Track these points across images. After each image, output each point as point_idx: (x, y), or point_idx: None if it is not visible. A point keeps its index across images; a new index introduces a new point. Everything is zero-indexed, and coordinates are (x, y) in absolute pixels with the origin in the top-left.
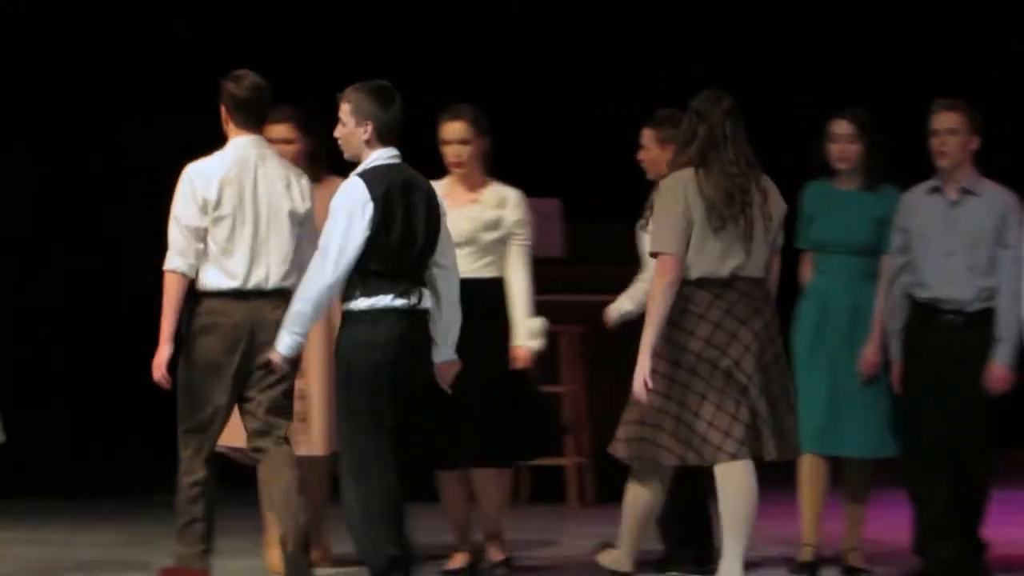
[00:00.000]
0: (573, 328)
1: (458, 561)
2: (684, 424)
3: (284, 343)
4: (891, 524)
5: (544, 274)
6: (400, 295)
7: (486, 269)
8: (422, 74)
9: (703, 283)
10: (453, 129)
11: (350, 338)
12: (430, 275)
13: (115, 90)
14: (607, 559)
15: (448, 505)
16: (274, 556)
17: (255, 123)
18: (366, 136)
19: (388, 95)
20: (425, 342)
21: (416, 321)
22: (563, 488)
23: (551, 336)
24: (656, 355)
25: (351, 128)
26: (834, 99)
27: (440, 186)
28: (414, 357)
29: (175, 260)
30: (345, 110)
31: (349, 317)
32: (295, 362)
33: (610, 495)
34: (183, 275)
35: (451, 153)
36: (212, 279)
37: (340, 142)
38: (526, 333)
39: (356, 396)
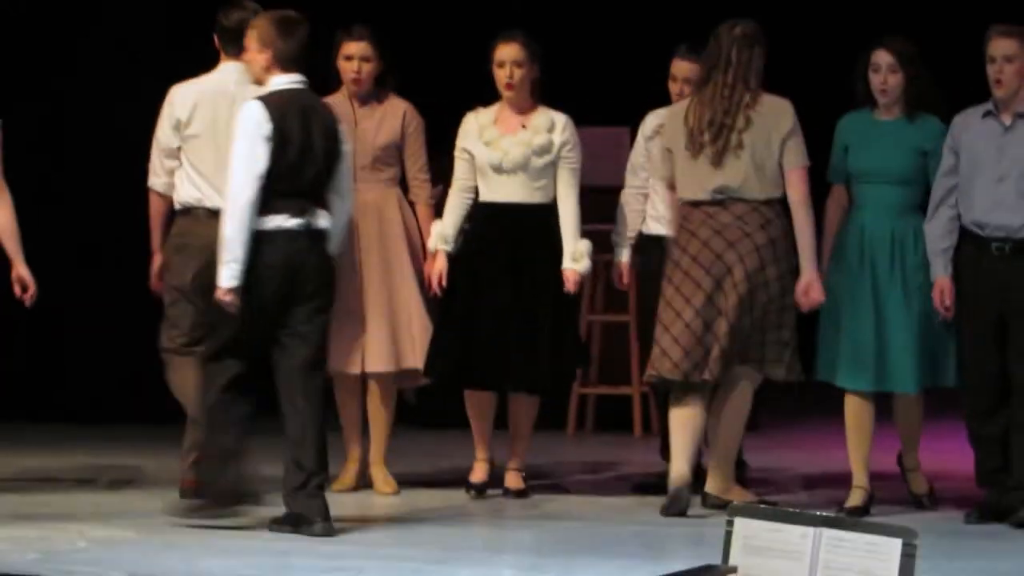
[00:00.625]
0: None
1: (479, 473)
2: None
3: (223, 275)
4: (952, 456)
5: (616, 202)
6: (295, 214)
7: (538, 194)
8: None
9: (697, 204)
10: (507, 50)
11: (248, 256)
12: (327, 199)
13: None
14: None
15: (472, 420)
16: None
17: (238, 51)
18: (265, 63)
19: (289, 24)
20: (321, 260)
21: (312, 240)
22: (630, 417)
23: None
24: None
25: (253, 55)
26: (875, 28)
27: (489, 112)
28: (307, 274)
29: (151, 178)
30: (251, 36)
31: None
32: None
33: None
34: (159, 193)
35: (504, 75)
36: (183, 197)
37: (247, 67)
38: (572, 256)
39: (248, 308)
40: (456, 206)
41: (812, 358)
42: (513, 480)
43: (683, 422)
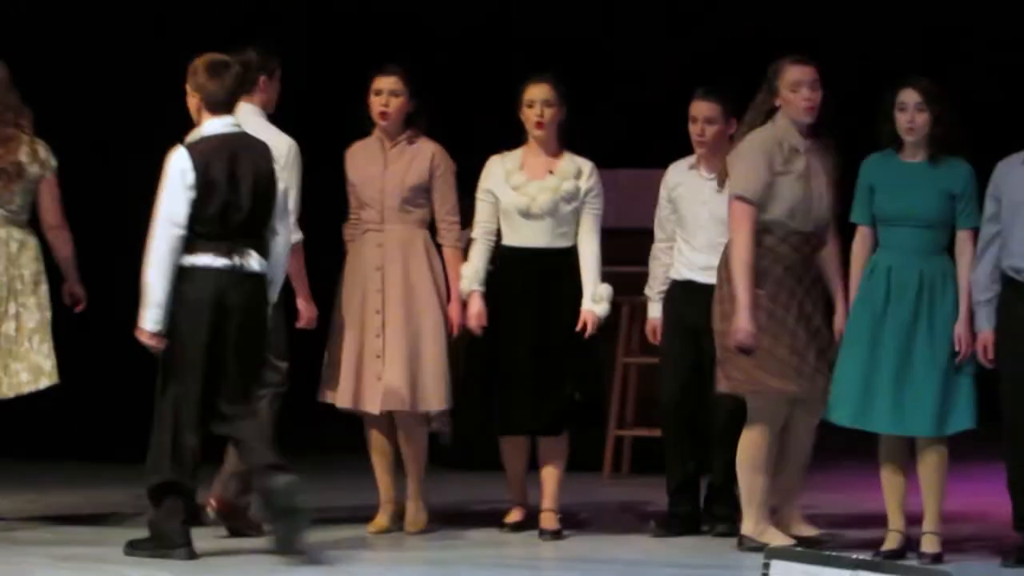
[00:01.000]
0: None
1: (516, 515)
2: None
3: (145, 319)
4: (986, 499)
5: (646, 244)
6: (222, 255)
7: (561, 238)
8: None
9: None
10: (538, 90)
11: (175, 293)
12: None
13: None
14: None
15: (506, 465)
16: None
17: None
18: (196, 106)
19: (217, 67)
20: (247, 302)
21: (240, 281)
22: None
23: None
24: None
25: (188, 98)
26: (899, 68)
27: (515, 156)
28: (233, 316)
29: None
30: (189, 81)
31: (177, 274)
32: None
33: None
34: None
35: (534, 114)
36: None
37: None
38: (592, 298)
39: (175, 349)
40: (482, 248)
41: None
42: (548, 520)
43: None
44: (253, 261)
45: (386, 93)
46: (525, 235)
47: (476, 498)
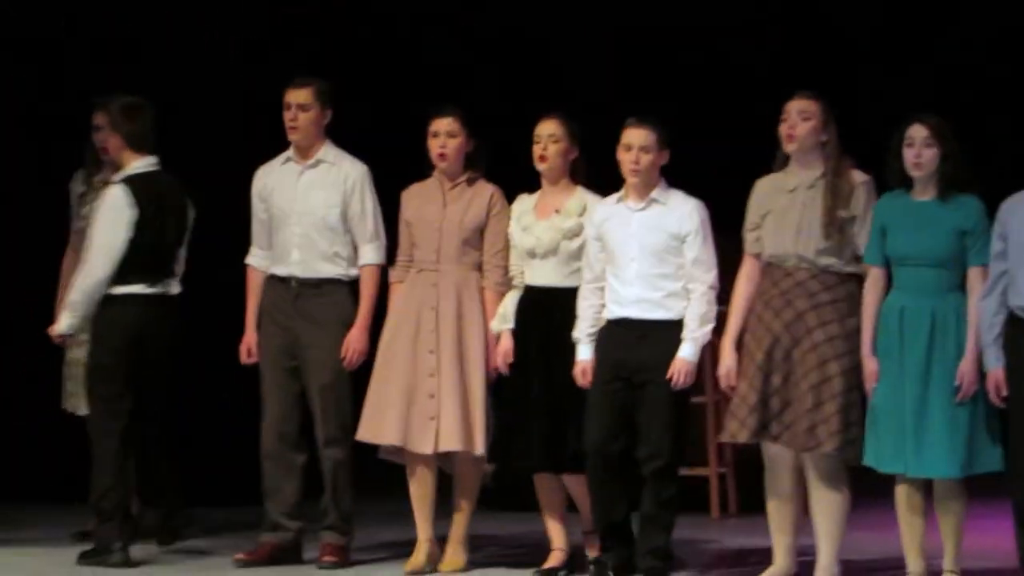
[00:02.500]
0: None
1: (554, 560)
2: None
3: (62, 323)
4: (995, 538)
5: None
6: (150, 283)
7: (572, 277)
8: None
9: None
10: (543, 126)
11: (102, 317)
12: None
13: None
14: None
15: (543, 505)
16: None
17: None
18: (118, 144)
19: (132, 108)
20: (170, 327)
21: (163, 306)
22: (706, 498)
23: None
24: None
25: (109, 138)
26: (906, 106)
27: (532, 198)
28: (160, 338)
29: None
30: (107, 122)
31: (105, 300)
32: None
33: (754, 504)
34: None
35: (538, 149)
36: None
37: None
38: None
39: (98, 372)
40: (514, 291)
41: None
42: (593, 548)
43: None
44: (174, 287)
45: (443, 135)
46: (536, 275)
47: (519, 539)
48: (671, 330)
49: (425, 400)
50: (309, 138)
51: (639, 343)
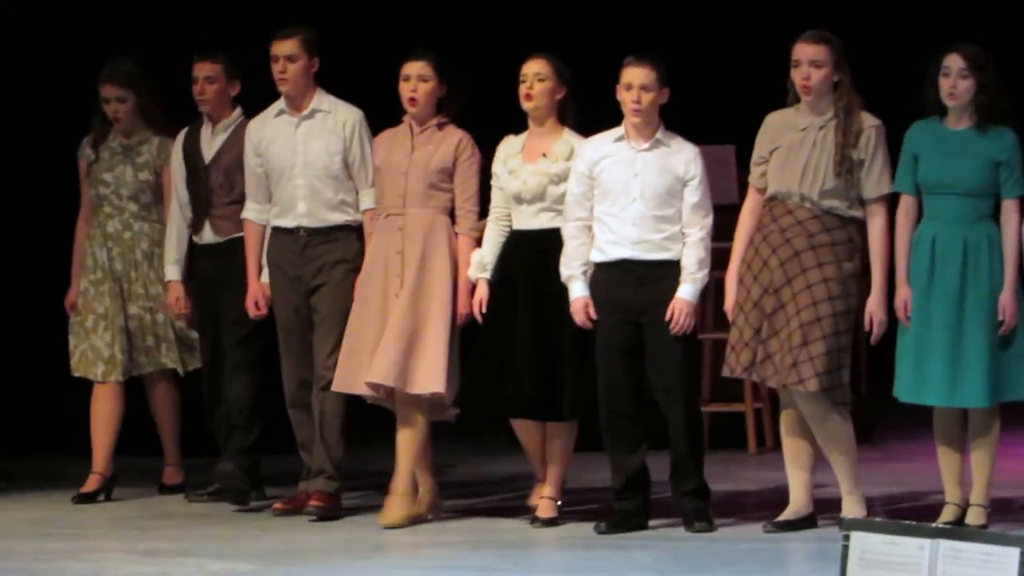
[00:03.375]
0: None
1: (544, 510)
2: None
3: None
4: None
5: (721, 221)
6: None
7: (557, 221)
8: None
9: None
10: (531, 64)
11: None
12: None
13: None
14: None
15: (524, 447)
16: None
17: None
18: (225, 97)
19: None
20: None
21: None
22: (743, 433)
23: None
24: None
25: (222, 89)
26: (947, 35)
27: (519, 140)
28: None
29: None
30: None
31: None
32: None
33: None
34: None
35: (524, 88)
36: None
37: None
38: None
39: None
40: (494, 234)
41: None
42: (544, 508)
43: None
44: None
45: (415, 78)
46: (523, 219)
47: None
48: (672, 269)
49: (376, 341)
50: (299, 88)
51: (640, 284)
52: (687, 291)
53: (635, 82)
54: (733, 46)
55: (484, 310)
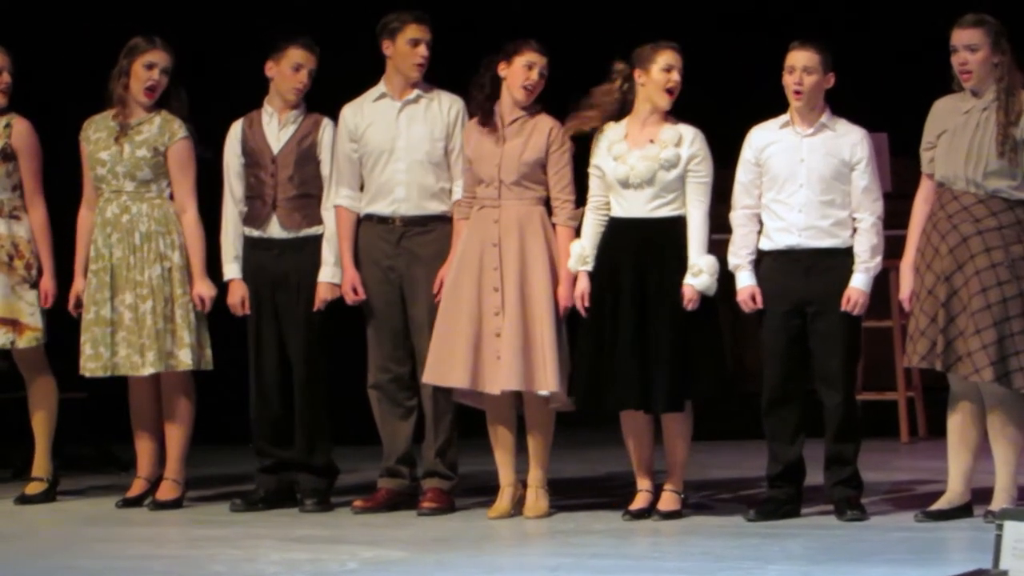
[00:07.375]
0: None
1: (641, 501)
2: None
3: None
4: None
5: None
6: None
7: (665, 208)
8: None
9: None
10: (669, 56)
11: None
12: None
13: None
14: None
15: (631, 444)
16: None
17: None
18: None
19: None
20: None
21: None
22: (895, 422)
23: (882, 272)
24: None
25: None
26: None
27: (620, 127)
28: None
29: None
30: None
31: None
32: None
33: (942, 428)
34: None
35: (665, 80)
36: None
37: None
38: (691, 271)
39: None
40: (593, 224)
41: None
42: (667, 501)
43: None
44: None
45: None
46: (628, 206)
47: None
48: (840, 258)
49: (492, 339)
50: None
51: (808, 273)
52: (860, 280)
53: (797, 64)
54: (887, 32)
55: (587, 303)
